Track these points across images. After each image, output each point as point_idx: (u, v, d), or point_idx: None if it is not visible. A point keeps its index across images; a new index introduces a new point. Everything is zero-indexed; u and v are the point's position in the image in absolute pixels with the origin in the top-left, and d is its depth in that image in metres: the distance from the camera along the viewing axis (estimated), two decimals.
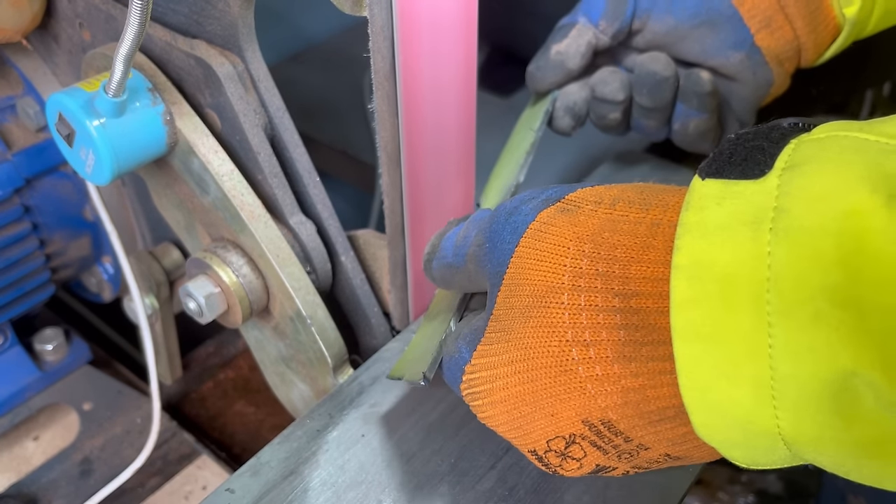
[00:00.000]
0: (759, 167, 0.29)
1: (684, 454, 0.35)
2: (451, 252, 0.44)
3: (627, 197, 0.36)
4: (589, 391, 0.34)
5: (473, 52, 0.49)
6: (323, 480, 0.46)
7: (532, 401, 0.37)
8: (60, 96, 0.48)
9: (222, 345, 0.87)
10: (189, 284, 0.53)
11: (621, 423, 0.35)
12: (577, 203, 0.37)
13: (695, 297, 0.29)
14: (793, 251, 0.27)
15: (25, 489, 0.71)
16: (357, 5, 0.44)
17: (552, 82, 0.64)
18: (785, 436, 0.29)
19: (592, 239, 0.35)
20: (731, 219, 0.29)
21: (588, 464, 0.38)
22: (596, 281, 0.34)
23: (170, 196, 0.57)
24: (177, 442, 0.75)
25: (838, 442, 0.28)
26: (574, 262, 0.35)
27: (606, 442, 0.36)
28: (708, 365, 0.29)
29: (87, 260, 0.75)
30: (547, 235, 0.36)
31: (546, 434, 0.37)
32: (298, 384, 0.59)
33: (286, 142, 0.54)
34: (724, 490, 1.16)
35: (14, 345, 0.73)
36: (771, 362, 0.28)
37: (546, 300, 0.35)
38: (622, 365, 0.33)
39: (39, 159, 0.66)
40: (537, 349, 0.36)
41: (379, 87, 0.47)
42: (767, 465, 0.32)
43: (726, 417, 0.30)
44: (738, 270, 0.28)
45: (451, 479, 0.46)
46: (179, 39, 0.51)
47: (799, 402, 0.28)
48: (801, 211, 0.27)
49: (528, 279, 0.36)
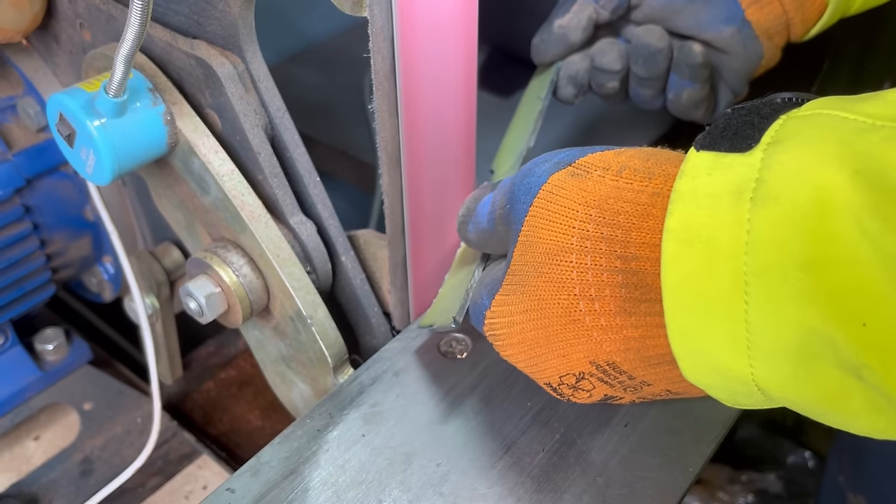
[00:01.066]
0: (746, 141, 0.32)
1: (683, 390, 0.40)
2: (485, 218, 0.47)
3: (633, 165, 0.38)
4: (595, 338, 0.39)
5: (473, 53, 0.49)
6: (323, 480, 0.46)
7: (545, 344, 0.41)
8: (61, 96, 0.48)
9: (223, 345, 0.87)
10: (189, 284, 0.53)
11: (624, 365, 0.39)
12: (586, 168, 0.40)
13: (682, 257, 0.32)
14: (768, 219, 0.30)
15: (26, 489, 0.71)
16: (357, 5, 0.44)
17: (555, 54, 0.67)
18: (758, 382, 0.33)
19: (599, 205, 0.38)
20: (718, 188, 0.32)
21: (597, 394, 0.43)
22: (601, 244, 0.37)
23: (170, 196, 0.57)
24: (177, 442, 0.75)
25: (803, 391, 0.32)
26: (582, 225, 0.38)
27: (612, 378, 0.40)
28: (692, 317, 0.33)
29: (88, 260, 0.75)
30: (557, 198, 0.40)
31: (558, 371, 0.42)
32: (299, 384, 0.59)
33: (286, 142, 0.54)
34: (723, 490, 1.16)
35: (15, 345, 0.73)
36: (746, 317, 0.31)
37: (557, 258, 0.39)
38: (623, 318, 0.37)
39: (40, 159, 0.66)
40: (549, 301, 0.40)
41: (379, 88, 0.47)
42: (748, 406, 0.37)
43: (707, 364, 0.34)
44: (720, 234, 0.31)
45: (452, 479, 0.46)
46: (180, 40, 0.51)
47: (769, 353, 0.31)
48: (777, 183, 0.30)
49: (540, 238, 0.40)
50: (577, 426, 0.49)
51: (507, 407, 0.50)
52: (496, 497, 0.46)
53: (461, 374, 0.52)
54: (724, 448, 0.53)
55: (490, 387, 0.52)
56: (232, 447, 0.78)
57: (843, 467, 0.89)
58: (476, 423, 0.49)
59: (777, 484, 1.17)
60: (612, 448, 0.48)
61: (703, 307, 0.32)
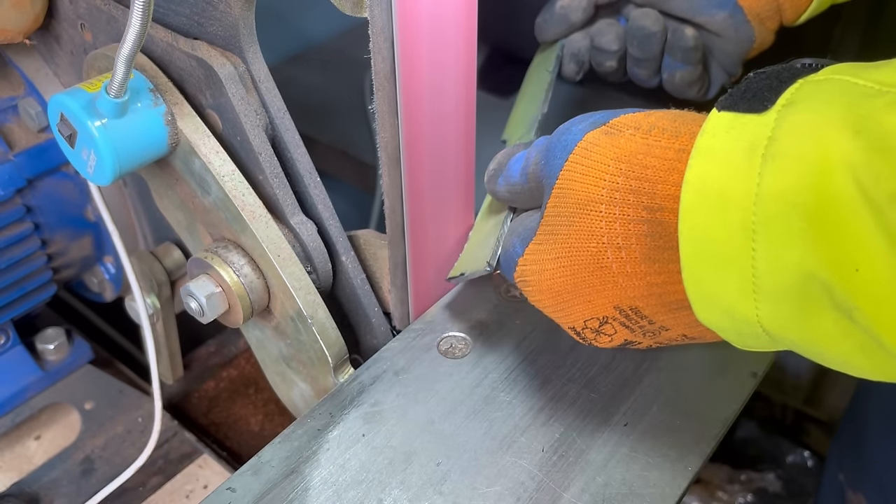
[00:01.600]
0: (763, 103, 0.34)
1: (698, 335, 0.43)
2: (517, 172, 0.49)
3: (662, 125, 0.41)
4: (620, 284, 0.42)
5: (473, 53, 0.49)
6: (324, 479, 0.46)
7: (573, 290, 0.44)
8: (62, 97, 0.48)
9: (223, 344, 0.87)
10: (190, 284, 0.54)
11: (646, 310, 0.42)
12: (619, 127, 0.42)
13: (697, 208, 0.35)
14: (776, 173, 0.33)
15: (27, 488, 0.71)
16: (357, 6, 0.44)
17: (556, 33, 0.71)
18: (762, 323, 0.36)
19: (629, 160, 0.40)
20: (733, 145, 0.34)
21: (617, 339, 0.45)
22: (629, 195, 0.40)
23: (171, 196, 0.57)
24: (178, 441, 0.75)
25: (802, 331, 0.35)
26: (612, 178, 0.41)
27: (633, 323, 0.43)
28: (704, 262, 0.36)
29: (89, 260, 0.75)
30: (591, 154, 0.42)
31: (584, 315, 0.45)
32: (299, 383, 0.59)
33: (287, 142, 0.54)
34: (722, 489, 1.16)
35: (16, 344, 0.73)
36: (753, 262, 0.34)
37: (587, 209, 0.42)
38: (647, 265, 0.40)
39: (41, 160, 0.66)
40: (579, 249, 0.42)
41: (379, 88, 0.47)
42: (755, 348, 0.39)
43: (718, 307, 0.37)
44: (733, 187, 0.34)
45: (452, 478, 0.47)
46: (181, 40, 0.52)
47: (773, 295, 0.34)
48: (787, 141, 0.33)
49: (573, 190, 0.42)
50: (576, 425, 0.49)
51: (507, 406, 0.51)
52: (496, 496, 0.46)
53: (461, 374, 0.53)
54: (723, 447, 0.53)
55: (490, 386, 0.52)
56: (232, 446, 0.78)
57: (843, 465, 0.89)
58: (476, 423, 0.50)
59: (776, 483, 1.17)
60: (612, 447, 0.48)
61: (714, 253, 0.35)
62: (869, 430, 0.85)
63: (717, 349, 0.54)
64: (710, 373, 0.53)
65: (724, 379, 0.53)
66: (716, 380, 0.52)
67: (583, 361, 0.54)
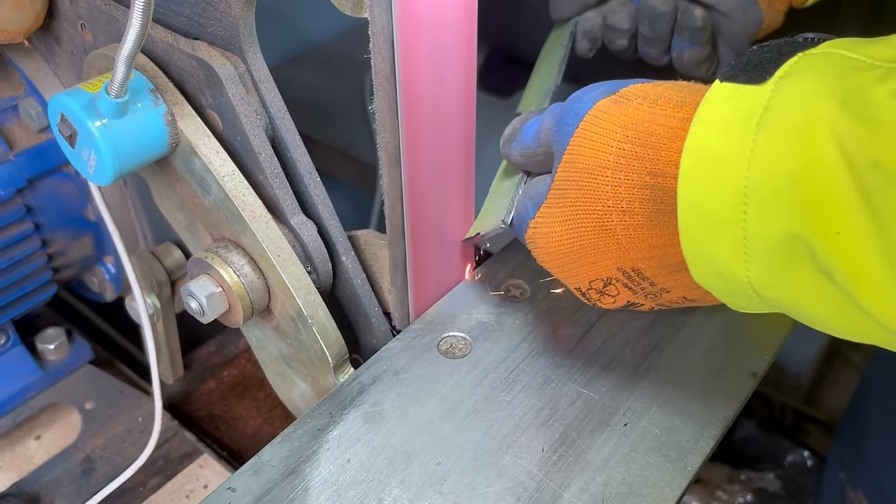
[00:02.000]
0: (763, 75, 0.36)
1: (698, 297, 0.45)
2: (530, 136, 0.51)
3: (668, 94, 0.42)
4: (623, 246, 0.44)
5: (473, 53, 0.49)
6: (324, 479, 0.47)
7: (579, 251, 0.46)
8: (62, 97, 0.49)
9: (223, 344, 0.87)
10: (191, 284, 0.54)
11: (648, 272, 0.44)
12: (627, 96, 0.44)
13: (695, 173, 0.37)
14: (768, 140, 0.34)
15: (27, 488, 0.71)
16: (358, 6, 0.44)
17: (570, 11, 0.73)
18: (752, 283, 0.37)
19: (635, 127, 0.42)
20: (732, 114, 0.36)
21: (620, 300, 0.47)
22: (634, 161, 0.42)
23: (171, 196, 0.57)
24: (178, 441, 0.75)
25: (788, 292, 0.37)
26: (619, 144, 0.42)
27: (636, 285, 0.45)
28: (700, 225, 0.38)
29: (89, 260, 0.75)
30: (601, 121, 0.44)
31: (588, 276, 0.47)
32: (299, 383, 0.59)
33: (287, 142, 0.54)
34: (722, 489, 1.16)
35: (16, 344, 0.73)
36: (744, 225, 0.36)
37: (595, 173, 0.43)
38: (650, 229, 0.42)
39: (41, 160, 0.66)
40: (586, 212, 0.44)
41: (379, 88, 0.47)
42: (748, 309, 0.41)
43: (712, 268, 0.39)
44: (727, 153, 0.36)
45: (452, 478, 0.47)
46: (181, 40, 0.52)
47: (762, 257, 0.36)
48: (780, 110, 0.34)
49: (582, 155, 0.44)
50: (576, 425, 0.49)
51: (507, 406, 0.51)
52: (496, 496, 0.46)
53: (461, 374, 0.53)
54: (722, 447, 0.53)
55: (490, 386, 0.52)
56: (233, 446, 0.78)
57: (844, 463, 0.89)
58: (476, 423, 0.50)
59: (776, 483, 1.17)
60: (612, 447, 0.48)
61: (710, 217, 0.37)
62: (869, 428, 0.85)
63: (717, 349, 0.54)
64: (710, 373, 0.53)
65: (724, 379, 0.53)
66: (715, 380, 0.52)
67: (583, 361, 0.54)
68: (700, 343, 0.55)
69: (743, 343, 0.55)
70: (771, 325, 0.56)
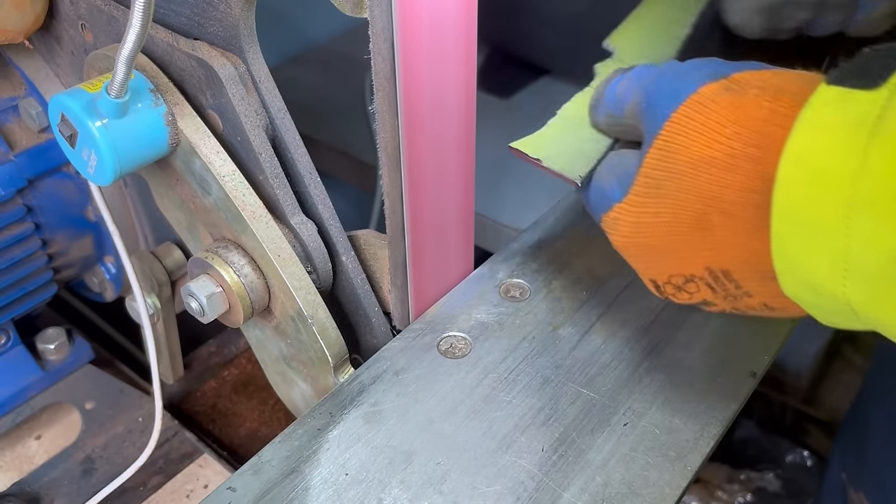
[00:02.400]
0: (875, 80, 0.33)
1: (780, 307, 0.42)
2: (612, 102, 0.47)
3: (790, 89, 0.38)
4: (719, 247, 0.40)
5: (473, 53, 0.49)
6: (324, 479, 0.47)
7: (668, 246, 0.43)
8: (63, 97, 0.49)
9: (224, 344, 0.87)
10: (191, 284, 0.54)
11: (737, 274, 0.41)
12: (742, 84, 0.40)
13: (794, 180, 0.35)
14: (883, 152, 0.31)
15: (28, 488, 0.71)
16: (358, 7, 0.44)
17: None
18: (850, 301, 0.35)
19: (751, 126, 0.38)
20: (839, 120, 0.33)
21: (698, 297, 0.44)
22: (747, 164, 0.38)
23: (171, 196, 0.57)
24: (178, 441, 0.75)
25: (892, 312, 0.34)
26: (730, 142, 0.39)
27: (719, 285, 0.42)
28: (795, 236, 0.35)
29: (90, 260, 0.75)
30: (707, 110, 0.40)
31: (671, 271, 0.44)
32: (299, 383, 0.59)
33: (287, 142, 0.54)
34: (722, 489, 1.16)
35: (16, 344, 0.73)
36: (847, 241, 0.33)
37: (699, 169, 0.40)
38: (752, 233, 0.39)
39: (42, 160, 0.66)
40: (685, 208, 0.41)
41: (380, 89, 0.47)
42: (839, 326, 0.38)
43: (805, 281, 0.36)
44: (833, 162, 0.33)
45: (452, 478, 0.47)
46: (181, 41, 0.52)
47: (865, 274, 0.33)
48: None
49: (683, 146, 0.40)
50: (576, 425, 0.49)
51: (507, 406, 0.51)
52: (496, 496, 0.46)
53: (461, 374, 0.53)
54: (722, 447, 0.53)
55: (490, 386, 0.52)
56: (233, 446, 0.78)
57: (846, 464, 0.89)
58: (476, 423, 0.50)
59: (775, 483, 1.17)
60: (612, 447, 0.48)
61: (807, 228, 0.34)
62: (871, 429, 0.85)
63: (717, 349, 0.54)
64: (710, 373, 0.53)
65: (724, 379, 0.53)
66: (715, 380, 0.52)
67: (583, 361, 0.54)
68: (700, 343, 0.55)
69: (743, 343, 0.55)
70: (771, 325, 0.56)
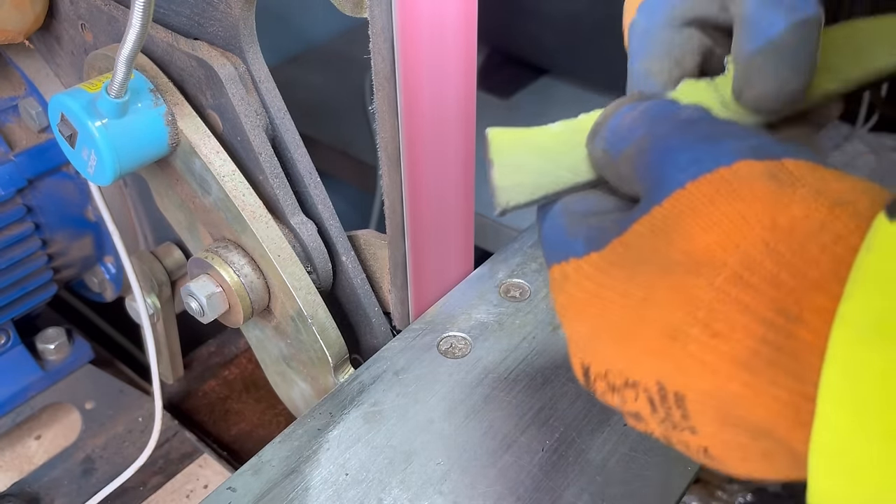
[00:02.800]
0: None
1: (722, 458, 0.32)
2: (609, 136, 0.36)
3: (858, 203, 0.28)
4: (685, 368, 0.30)
5: (473, 53, 0.49)
6: (324, 479, 0.47)
7: (620, 338, 0.32)
8: (63, 97, 0.49)
9: (224, 344, 0.87)
10: (191, 284, 0.54)
11: (693, 405, 0.30)
12: (794, 176, 0.29)
13: (845, 399, 0.24)
14: None
15: (27, 488, 0.71)
16: (358, 7, 0.44)
17: None
18: None
19: (790, 241, 0.28)
20: None
21: (629, 407, 0.33)
22: (767, 288, 0.28)
23: (171, 196, 0.57)
24: (178, 441, 0.75)
25: None
26: (752, 249, 0.29)
27: (664, 407, 0.32)
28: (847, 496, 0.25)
29: (90, 260, 0.75)
30: (735, 197, 0.30)
31: (612, 365, 0.33)
32: (299, 383, 0.59)
33: (287, 142, 0.54)
34: (722, 489, 1.16)
35: (16, 344, 0.73)
36: None
37: (698, 270, 0.30)
38: (739, 370, 0.29)
39: (42, 160, 0.66)
40: (659, 305, 0.31)
41: (380, 89, 0.47)
42: None
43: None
44: None
45: (452, 478, 0.47)
46: (181, 41, 0.52)
47: None
48: None
49: (687, 233, 0.30)
50: (576, 425, 0.49)
51: (507, 406, 0.51)
52: (496, 495, 0.46)
53: (461, 374, 0.53)
54: None
55: (490, 386, 0.52)
56: (233, 446, 0.78)
57: None
58: (476, 423, 0.50)
59: (776, 483, 1.17)
60: (612, 447, 0.48)
61: (864, 489, 0.24)
62: None
63: None
64: None
65: None
66: None
67: None
68: None
69: None
70: None
